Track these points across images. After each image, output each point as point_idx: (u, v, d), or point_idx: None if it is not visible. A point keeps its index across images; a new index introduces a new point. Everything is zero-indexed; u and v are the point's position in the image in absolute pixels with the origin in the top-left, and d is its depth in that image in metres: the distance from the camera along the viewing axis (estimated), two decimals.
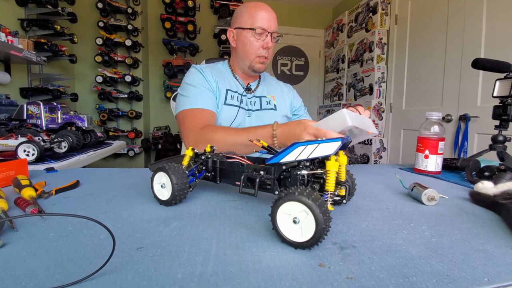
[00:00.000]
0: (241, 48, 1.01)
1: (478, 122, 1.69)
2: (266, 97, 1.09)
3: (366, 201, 0.56)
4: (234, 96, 1.01)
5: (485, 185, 0.59)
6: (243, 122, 1.01)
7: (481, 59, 0.76)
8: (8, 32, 1.71)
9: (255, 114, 1.04)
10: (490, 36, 1.64)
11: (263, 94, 1.09)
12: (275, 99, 1.10)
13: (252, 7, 0.98)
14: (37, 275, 0.29)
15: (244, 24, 0.98)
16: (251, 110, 1.04)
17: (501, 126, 0.75)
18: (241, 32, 0.99)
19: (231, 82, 1.05)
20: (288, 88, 1.20)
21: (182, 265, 0.31)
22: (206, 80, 0.99)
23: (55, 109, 1.34)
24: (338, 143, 0.39)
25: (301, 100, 1.22)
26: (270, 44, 0.99)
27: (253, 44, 0.98)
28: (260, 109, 1.06)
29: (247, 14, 0.97)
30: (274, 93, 1.12)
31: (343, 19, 3.10)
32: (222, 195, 0.59)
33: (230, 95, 1.01)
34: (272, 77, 1.22)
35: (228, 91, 1.01)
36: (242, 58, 1.02)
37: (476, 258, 0.34)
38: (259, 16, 0.96)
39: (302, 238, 0.35)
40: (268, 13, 0.98)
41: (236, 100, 1.01)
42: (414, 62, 2.25)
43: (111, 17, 2.82)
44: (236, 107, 1.00)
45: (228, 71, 1.08)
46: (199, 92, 0.96)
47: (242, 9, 1.00)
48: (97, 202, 0.54)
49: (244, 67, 1.04)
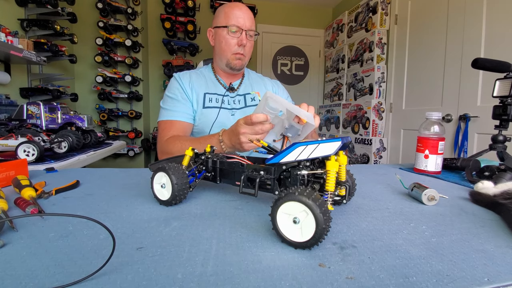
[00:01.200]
0: (218, 46, 1.04)
1: (478, 122, 1.69)
2: (250, 94, 1.10)
3: (366, 201, 0.56)
4: (213, 98, 1.04)
5: (485, 185, 0.59)
6: (226, 122, 1.01)
7: (481, 59, 0.76)
8: (8, 32, 1.70)
9: (239, 112, 1.06)
10: (490, 36, 1.64)
11: (246, 92, 1.11)
12: (260, 95, 1.12)
13: (227, 7, 1.02)
14: (37, 275, 0.29)
15: (220, 23, 1.01)
16: (235, 109, 1.06)
17: (501, 126, 0.75)
18: (217, 30, 1.03)
19: (210, 85, 1.07)
20: (273, 84, 1.21)
21: (182, 265, 0.31)
22: (182, 88, 1.03)
23: (55, 109, 1.34)
24: (338, 143, 0.39)
25: (288, 95, 1.22)
26: (245, 41, 1.00)
27: (228, 42, 1.01)
28: (244, 106, 1.07)
29: (223, 13, 1.01)
30: (259, 89, 1.14)
31: (343, 19, 3.10)
32: (222, 195, 0.59)
33: (208, 98, 1.04)
34: (258, 74, 1.24)
35: (206, 95, 1.04)
36: (220, 56, 1.05)
37: (476, 258, 0.34)
38: (233, 14, 0.99)
39: (302, 238, 0.35)
40: (242, 11, 1.00)
41: (215, 102, 1.04)
42: (414, 62, 2.25)
43: (111, 17, 2.81)
44: (216, 109, 1.02)
45: (210, 73, 1.11)
46: (174, 103, 1.01)
47: (219, 9, 1.04)
48: (97, 202, 0.54)
49: (223, 65, 1.06)
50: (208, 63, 1.20)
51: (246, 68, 1.19)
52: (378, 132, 2.54)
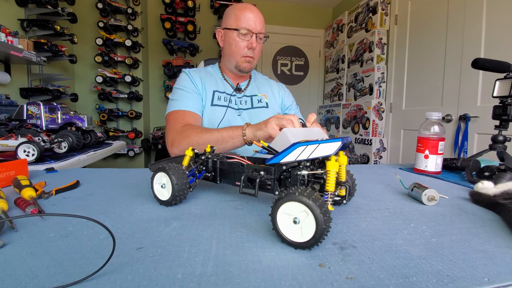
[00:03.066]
0: (227, 48, 1.03)
1: (478, 122, 1.69)
2: (257, 95, 1.10)
3: (366, 201, 0.56)
4: (222, 97, 1.03)
5: (485, 185, 0.59)
6: (233, 121, 1.01)
7: (481, 59, 0.76)
8: (8, 32, 1.70)
9: (246, 112, 1.06)
10: (490, 36, 1.64)
11: (253, 93, 1.11)
12: (266, 97, 1.12)
13: (238, 9, 1.00)
14: (37, 275, 0.29)
15: (230, 25, 1.00)
16: (241, 109, 1.05)
17: (501, 126, 0.75)
18: (227, 32, 1.02)
19: (219, 83, 1.06)
20: (279, 87, 1.21)
21: (182, 265, 0.31)
22: (192, 82, 1.02)
23: (55, 109, 1.34)
24: (339, 143, 0.39)
25: (293, 99, 1.22)
26: (255, 44, 1.00)
27: (238, 44, 1.00)
28: (251, 107, 1.07)
29: (233, 15, 1.00)
30: (265, 92, 1.14)
31: (343, 19, 3.10)
32: (222, 195, 0.59)
33: (217, 96, 1.03)
34: (264, 76, 1.24)
35: (215, 92, 1.03)
36: (229, 58, 1.04)
37: (476, 258, 0.34)
38: (244, 17, 0.98)
39: (302, 238, 0.35)
40: (253, 14, 0.99)
41: (223, 100, 1.03)
42: (414, 62, 2.25)
43: (111, 17, 2.81)
44: (224, 107, 1.02)
45: (218, 72, 1.10)
46: (185, 94, 0.99)
47: (230, 10, 1.03)
48: (97, 202, 0.54)
49: (231, 67, 1.06)
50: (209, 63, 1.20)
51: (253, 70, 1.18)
52: (378, 132, 2.54)
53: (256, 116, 1.05)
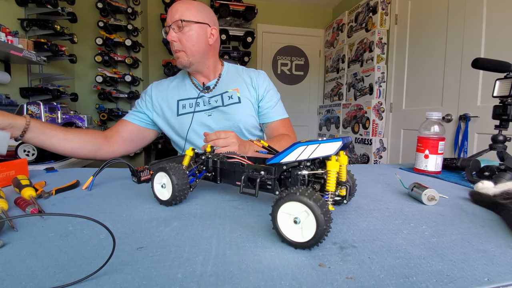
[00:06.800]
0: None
1: (478, 122, 1.69)
2: (227, 92, 1.05)
3: (366, 201, 0.56)
4: (186, 104, 1.02)
5: (485, 185, 0.59)
6: (204, 123, 1.01)
7: (481, 59, 0.76)
8: (8, 32, 1.70)
9: (216, 111, 1.02)
10: (490, 36, 1.64)
11: (223, 90, 1.05)
12: (239, 91, 1.05)
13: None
14: (37, 275, 0.29)
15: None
16: (212, 109, 1.02)
17: (501, 126, 0.75)
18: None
19: (182, 91, 1.05)
20: (256, 75, 1.10)
21: (182, 265, 0.31)
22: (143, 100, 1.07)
23: (55, 109, 1.34)
24: (339, 143, 0.39)
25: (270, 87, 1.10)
26: (170, 36, 0.92)
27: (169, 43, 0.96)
28: (222, 105, 1.03)
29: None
30: (238, 85, 1.07)
31: (343, 19, 3.10)
32: (222, 195, 0.59)
33: (181, 104, 1.03)
34: (240, 67, 1.14)
35: (179, 102, 1.03)
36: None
37: (476, 258, 0.34)
38: (167, 14, 0.95)
39: (302, 238, 0.35)
40: (170, 9, 0.94)
41: (188, 107, 1.02)
42: (414, 62, 2.25)
43: (111, 17, 2.81)
44: (190, 114, 1.00)
45: (186, 78, 1.08)
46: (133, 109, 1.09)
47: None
48: (97, 202, 0.54)
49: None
50: None
51: (226, 64, 1.11)
52: (378, 132, 2.54)
53: (228, 114, 1.01)
